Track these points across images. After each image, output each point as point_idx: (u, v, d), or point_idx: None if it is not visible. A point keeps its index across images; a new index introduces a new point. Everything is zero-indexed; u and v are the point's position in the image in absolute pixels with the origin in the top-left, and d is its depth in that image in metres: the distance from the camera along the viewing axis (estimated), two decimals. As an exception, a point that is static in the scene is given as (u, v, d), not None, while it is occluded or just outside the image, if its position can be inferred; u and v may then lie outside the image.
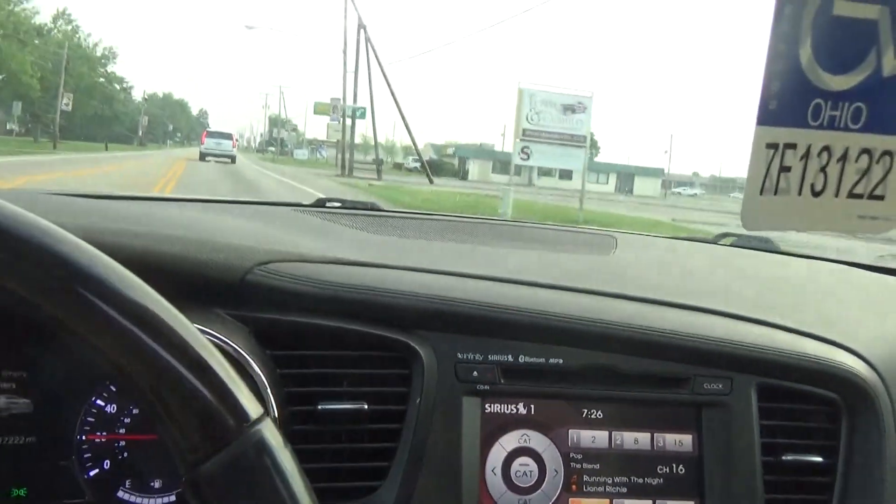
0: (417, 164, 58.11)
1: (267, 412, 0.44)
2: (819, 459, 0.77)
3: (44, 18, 51.50)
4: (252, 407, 0.40)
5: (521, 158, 12.60)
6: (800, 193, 0.54)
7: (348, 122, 30.61)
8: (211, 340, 0.49)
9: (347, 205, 1.32)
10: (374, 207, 1.32)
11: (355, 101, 28.77)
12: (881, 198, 0.55)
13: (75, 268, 0.38)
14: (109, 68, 63.96)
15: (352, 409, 0.70)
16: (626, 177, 55.19)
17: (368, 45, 26.12)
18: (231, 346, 0.66)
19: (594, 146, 74.31)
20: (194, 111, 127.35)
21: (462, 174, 54.80)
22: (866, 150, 0.54)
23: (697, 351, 0.75)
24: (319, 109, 42.23)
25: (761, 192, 0.53)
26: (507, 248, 1.08)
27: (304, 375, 0.71)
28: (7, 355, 0.68)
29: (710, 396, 0.76)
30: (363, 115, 29.18)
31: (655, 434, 0.75)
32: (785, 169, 0.53)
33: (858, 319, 0.92)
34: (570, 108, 12.40)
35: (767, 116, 0.52)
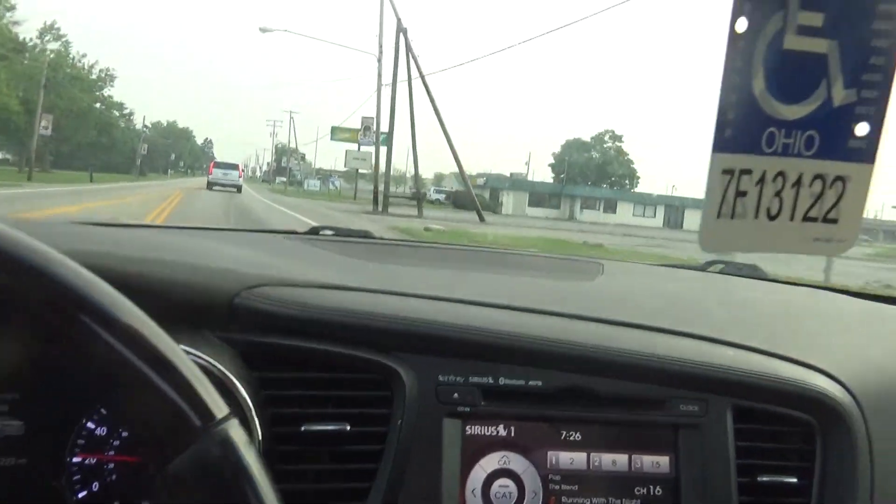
0: (441, 196, 55.74)
1: (250, 433, 0.52)
2: (794, 480, 0.86)
3: (30, 33, 50.50)
4: (217, 406, 0.48)
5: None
6: (756, 217, 0.64)
7: (382, 146, 28.69)
8: (197, 362, 0.60)
9: (342, 232, 1.47)
10: (367, 235, 1.48)
11: (392, 120, 26.88)
12: (835, 221, 0.65)
13: (49, 273, 0.45)
14: (106, 92, 63.09)
15: (334, 431, 0.80)
16: (672, 209, 54.61)
17: (409, 54, 24.54)
18: (217, 367, 0.76)
19: (633, 177, 73.07)
20: (199, 140, 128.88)
21: (496, 207, 53.03)
22: (819, 176, 0.64)
23: (673, 373, 0.85)
24: (339, 135, 40.46)
25: (718, 216, 0.63)
26: (493, 274, 1.21)
27: (289, 397, 0.81)
28: (0, 378, 0.76)
29: (687, 418, 0.85)
30: (385, 142, 27.99)
31: (633, 455, 0.84)
32: (741, 194, 0.63)
33: (837, 343, 1.02)
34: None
35: (723, 144, 0.62)
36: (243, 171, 48.71)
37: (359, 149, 33.98)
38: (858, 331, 1.13)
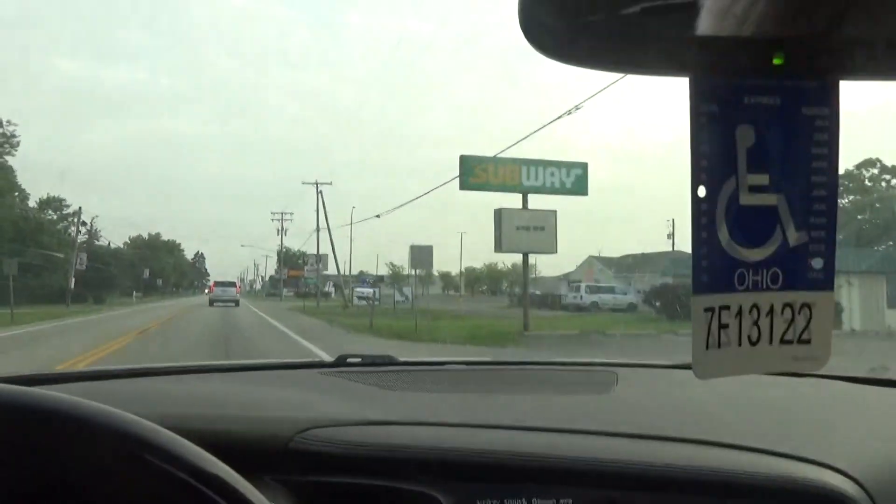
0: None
1: None
2: None
3: None
4: None
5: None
6: (740, 344, 0.79)
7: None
8: None
9: (367, 360, 1.64)
10: (391, 361, 1.65)
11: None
12: (808, 342, 0.80)
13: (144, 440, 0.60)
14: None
15: None
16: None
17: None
18: None
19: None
20: (189, 254, 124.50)
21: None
22: (788, 305, 0.79)
23: (697, 482, 0.97)
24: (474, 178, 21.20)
25: (707, 347, 0.78)
26: (514, 395, 1.36)
27: None
28: None
29: None
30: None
31: None
32: (724, 326, 0.78)
33: (845, 436, 1.13)
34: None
35: (701, 287, 0.78)
36: (240, 286, 56.83)
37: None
38: (867, 420, 1.25)
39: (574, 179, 20.72)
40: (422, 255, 22.51)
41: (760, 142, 0.77)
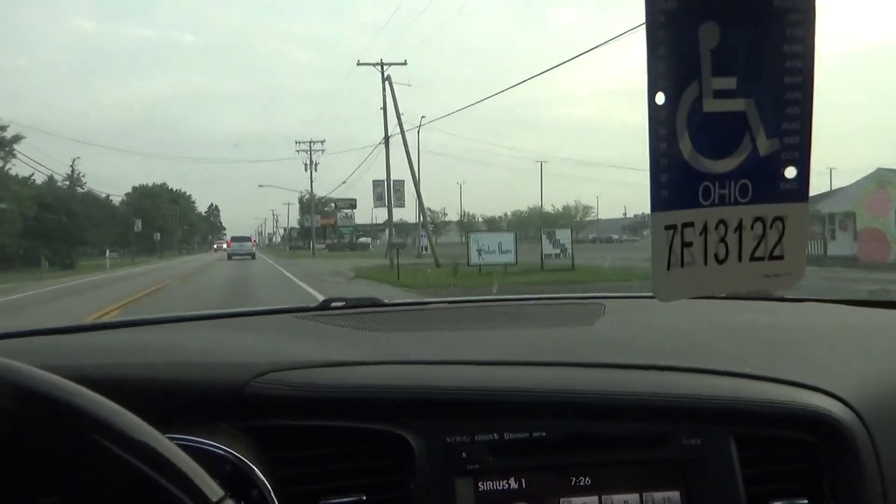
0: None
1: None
2: (805, 502, 0.92)
3: None
4: (211, 490, 0.60)
5: None
6: (705, 263, 0.74)
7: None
8: (215, 452, 0.74)
9: (350, 303, 1.63)
10: (375, 304, 1.63)
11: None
12: (781, 257, 0.75)
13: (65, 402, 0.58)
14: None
15: (351, 503, 0.90)
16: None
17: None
18: (234, 455, 0.87)
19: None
20: (202, 207, 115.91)
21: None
22: (759, 219, 0.74)
23: (671, 409, 0.93)
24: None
25: (668, 268, 0.74)
26: (493, 330, 1.33)
27: (306, 474, 0.91)
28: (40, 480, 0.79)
29: (690, 452, 0.92)
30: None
31: (644, 494, 0.92)
32: (687, 244, 0.74)
33: (840, 359, 1.08)
34: None
35: (661, 204, 0.72)
36: (255, 241, 59.31)
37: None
38: (865, 343, 1.20)
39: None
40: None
41: (726, 41, 0.71)
